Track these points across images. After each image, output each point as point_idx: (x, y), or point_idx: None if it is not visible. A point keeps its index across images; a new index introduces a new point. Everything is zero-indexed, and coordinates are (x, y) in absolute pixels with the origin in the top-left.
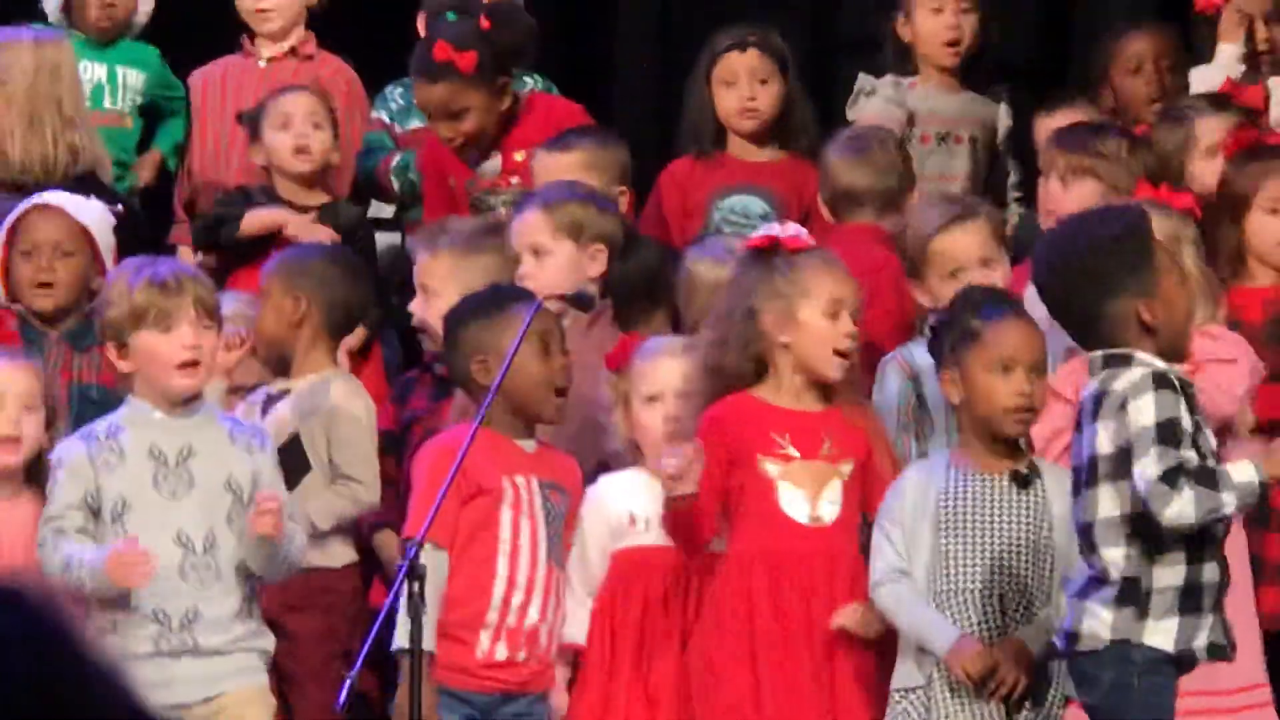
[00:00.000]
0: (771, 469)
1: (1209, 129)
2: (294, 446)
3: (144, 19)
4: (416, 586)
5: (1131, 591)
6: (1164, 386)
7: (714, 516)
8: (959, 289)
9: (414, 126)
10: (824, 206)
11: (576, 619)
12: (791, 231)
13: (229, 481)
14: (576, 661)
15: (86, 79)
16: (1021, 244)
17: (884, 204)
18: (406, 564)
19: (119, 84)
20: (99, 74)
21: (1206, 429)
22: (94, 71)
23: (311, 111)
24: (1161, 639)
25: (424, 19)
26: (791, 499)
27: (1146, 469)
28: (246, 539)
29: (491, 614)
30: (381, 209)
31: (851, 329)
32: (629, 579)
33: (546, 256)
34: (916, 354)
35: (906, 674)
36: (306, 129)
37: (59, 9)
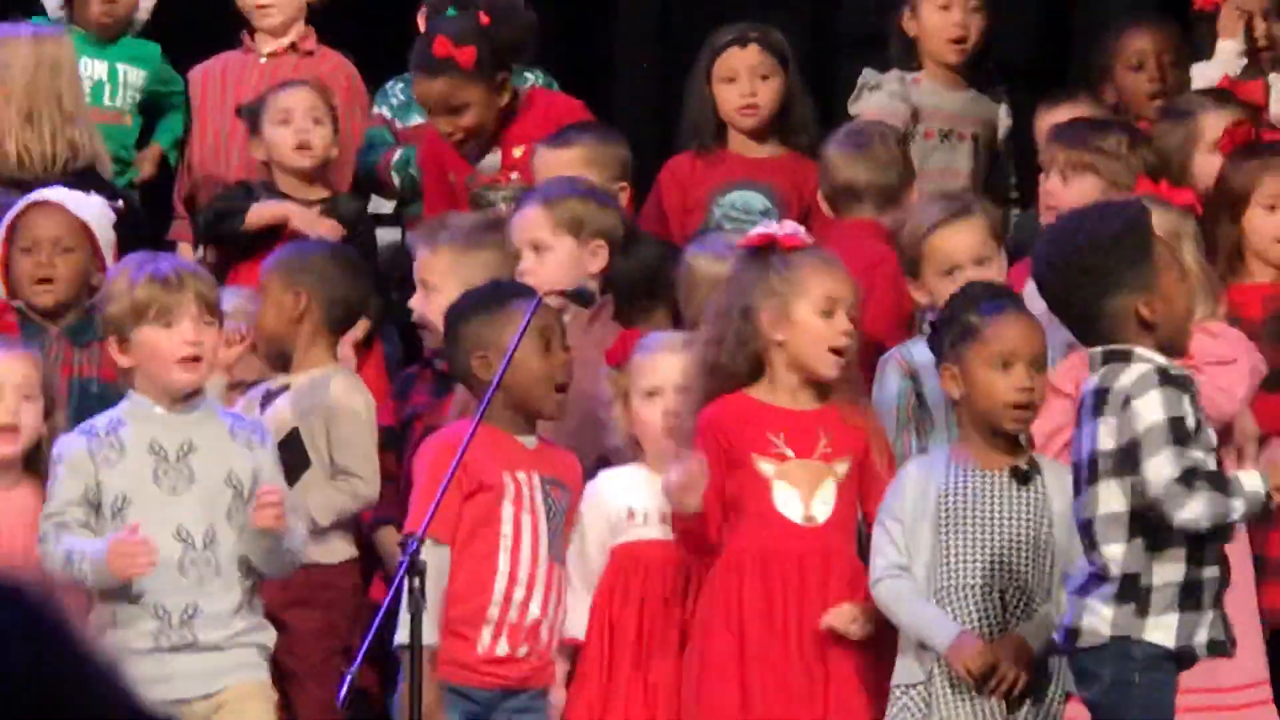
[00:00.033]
0: (766, 468)
1: (1213, 124)
2: (293, 442)
3: (145, 16)
4: (417, 582)
5: (1132, 588)
6: (1168, 383)
7: (719, 520)
8: (957, 286)
9: (415, 122)
10: (823, 201)
11: (576, 614)
12: (788, 230)
13: (229, 477)
14: (576, 656)
15: (87, 76)
16: (1020, 241)
17: (883, 199)
18: (407, 559)
19: (119, 81)
20: (99, 71)
21: (1208, 426)
22: (94, 69)
23: (312, 107)
24: (1162, 635)
25: (424, 14)
26: (786, 498)
27: (1161, 469)
28: (248, 533)
29: (493, 609)
30: (382, 204)
31: (847, 327)
32: (628, 574)
33: (547, 252)
34: (915, 352)
35: (907, 670)
36: (307, 124)
37: (60, 5)
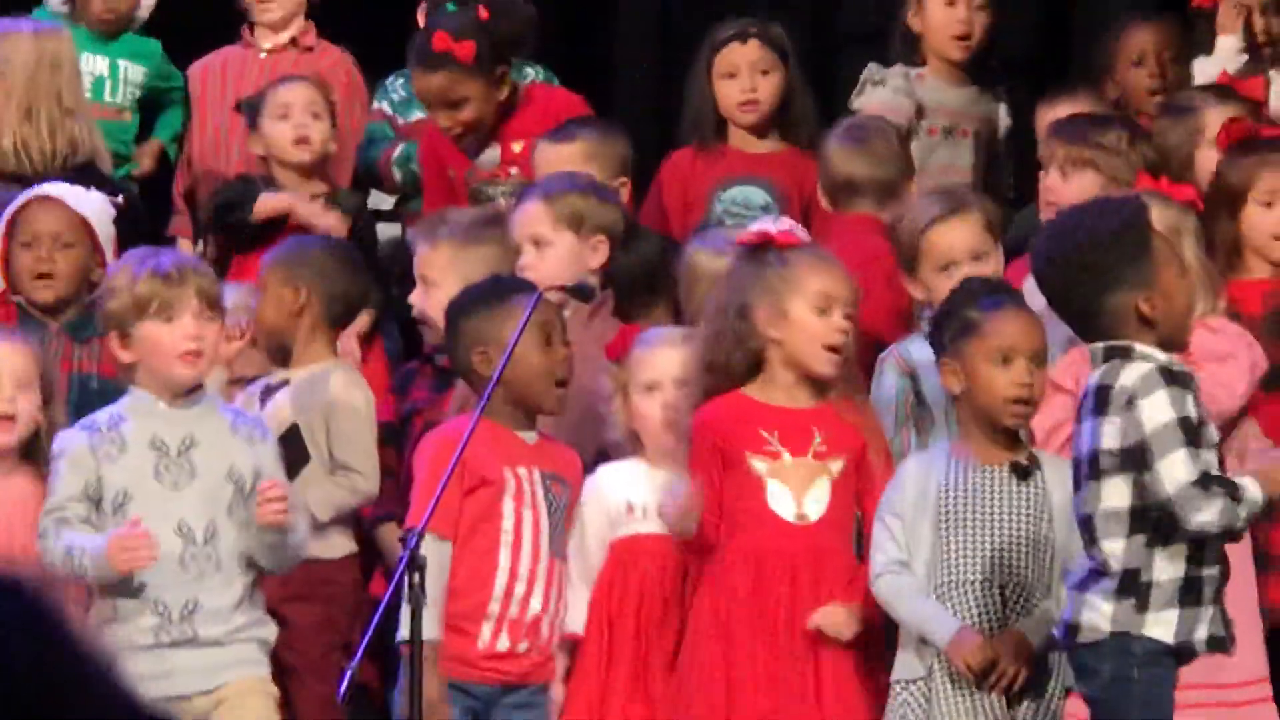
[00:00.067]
0: (760, 467)
1: (1216, 120)
2: (293, 437)
3: (146, 13)
4: (417, 577)
5: (1132, 583)
6: (1173, 382)
7: (717, 523)
8: (954, 281)
9: (416, 117)
10: (823, 196)
11: (575, 609)
12: (785, 227)
13: (230, 472)
14: (575, 651)
15: (88, 72)
16: (1020, 238)
17: (883, 194)
18: (407, 554)
19: (120, 78)
20: (100, 67)
21: (1210, 423)
22: (95, 64)
23: (310, 101)
24: (1161, 631)
25: (424, 10)
26: (779, 497)
27: (1176, 471)
28: (253, 530)
29: (493, 605)
30: (382, 200)
31: (844, 325)
32: (627, 568)
33: (547, 247)
34: (913, 350)
35: (907, 665)
36: (306, 119)
37: (63, 1)
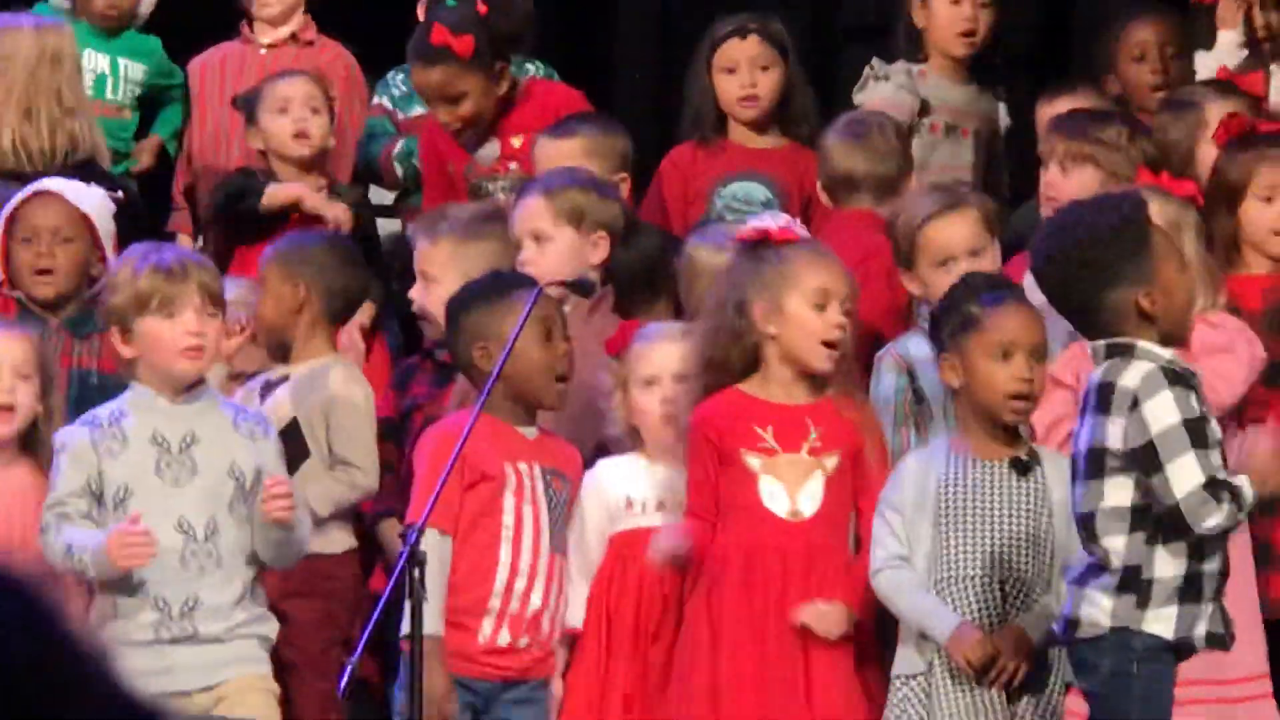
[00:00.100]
0: (753, 463)
1: (1217, 115)
2: (293, 433)
3: (147, 10)
4: (417, 573)
5: (1133, 580)
6: (1176, 382)
7: (714, 523)
8: (952, 277)
9: (416, 113)
10: (822, 191)
11: (574, 604)
12: (782, 223)
13: (232, 469)
14: (574, 645)
15: (89, 69)
16: (1020, 234)
17: (882, 190)
18: (407, 550)
19: (120, 76)
20: (101, 64)
21: (1212, 419)
22: (97, 62)
23: (309, 96)
24: (1161, 627)
25: (424, 5)
26: (772, 493)
27: (1185, 475)
28: (258, 526)
29: (494, 600)
30: (382, 196)
31: (840, 320)
32: (626, 562)
33: (548, 243)
34: (911, 347)
35: (908, 661)
36: (305, 114)
37: None
